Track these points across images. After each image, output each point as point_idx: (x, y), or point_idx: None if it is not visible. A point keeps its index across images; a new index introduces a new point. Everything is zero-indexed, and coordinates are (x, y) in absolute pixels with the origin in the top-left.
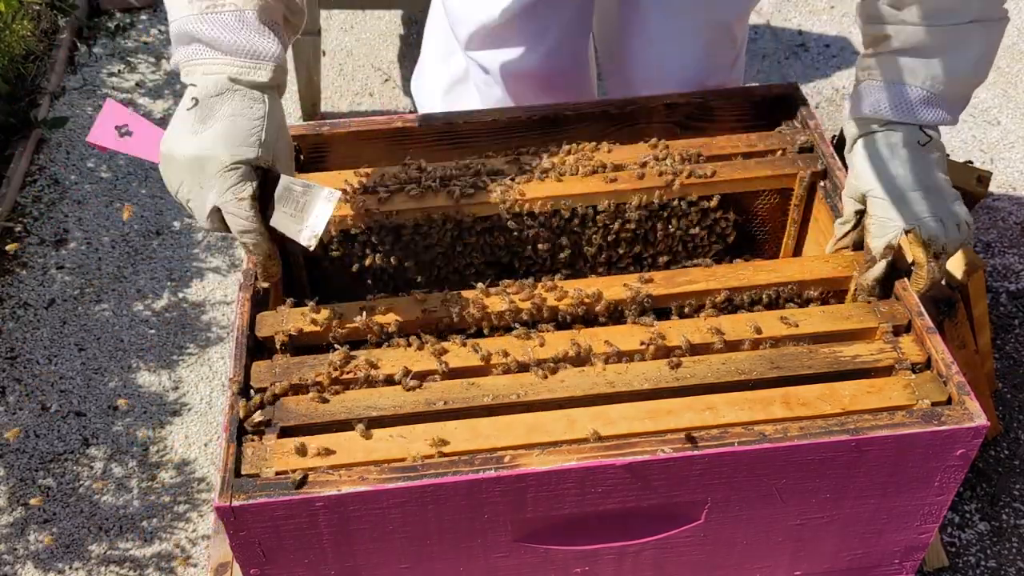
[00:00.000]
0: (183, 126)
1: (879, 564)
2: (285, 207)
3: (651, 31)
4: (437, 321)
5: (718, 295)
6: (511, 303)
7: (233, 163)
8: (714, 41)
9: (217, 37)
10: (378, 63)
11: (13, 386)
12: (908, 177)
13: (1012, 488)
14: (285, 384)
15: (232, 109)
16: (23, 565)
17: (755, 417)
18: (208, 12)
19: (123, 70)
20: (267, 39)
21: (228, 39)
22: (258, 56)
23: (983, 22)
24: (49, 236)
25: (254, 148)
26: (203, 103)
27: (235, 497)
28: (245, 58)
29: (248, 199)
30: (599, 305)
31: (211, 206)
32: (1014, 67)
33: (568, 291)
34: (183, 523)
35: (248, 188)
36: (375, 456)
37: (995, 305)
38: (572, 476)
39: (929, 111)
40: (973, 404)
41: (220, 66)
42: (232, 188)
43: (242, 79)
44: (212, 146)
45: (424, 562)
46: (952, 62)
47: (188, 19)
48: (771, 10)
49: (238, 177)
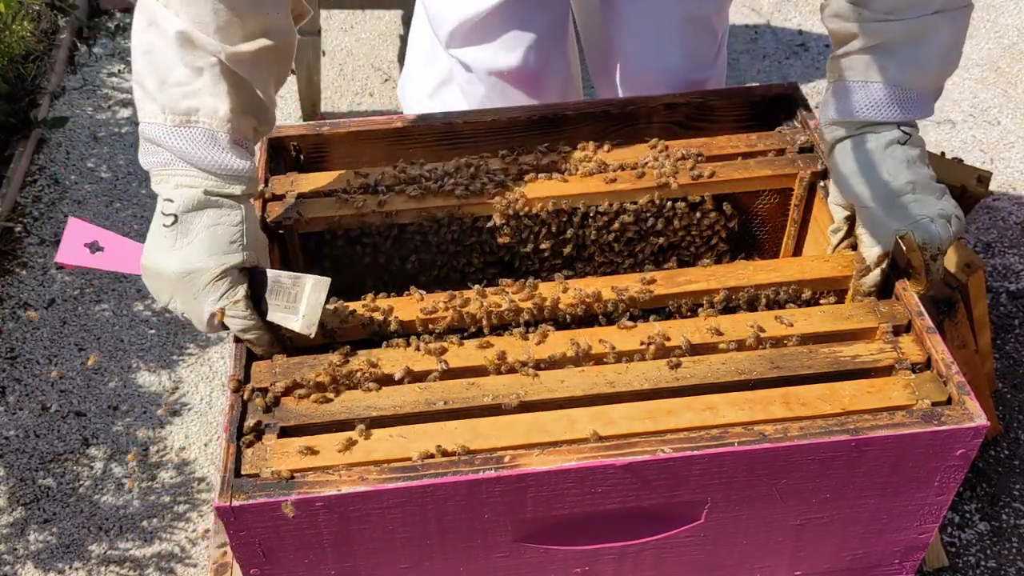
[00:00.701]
0: (165, 242)
1: (879, 564)
2: (278, 300)
3: (631, 26)
4: (437, 319)
5: (717, 295)
6: (511, 302)
7: (221, 271)
8: (694, 34)
9: (190, 152)
10: (378, 63)
11: (13, 386)
12: (893, 180)
13: (1012, 488)
14: (285, 384)
15: (211, 220)
16: (23, 565)
17: (755, 417)
18: (181, 127)
19: (123, 70)
20: (240, 158)
21: (201, 155)
22: (232, 172)
23: (948, 12)
24: (49, 236)
25: (238, 253)
26: (182, 219)
27: (235, 497)
28: (219, 174)
29: (243, 301)
30: (598, 304)
31: (208, 314)
32: (1014, 67)
33: (569, 288)
34: (183, 523)
35: (240, 291)
36: (375, 456)
37: (995, 305)
38: (572, 476)
39: (904, 107)
40: (973, 404)
41: (194, 179)
42: (225, 294)
43: (218, 192)
44: (198, 259)
45: (424, 562)
46: (921, 55)
47: (158, 127)
48: (771, 10)
49: (228, 283)
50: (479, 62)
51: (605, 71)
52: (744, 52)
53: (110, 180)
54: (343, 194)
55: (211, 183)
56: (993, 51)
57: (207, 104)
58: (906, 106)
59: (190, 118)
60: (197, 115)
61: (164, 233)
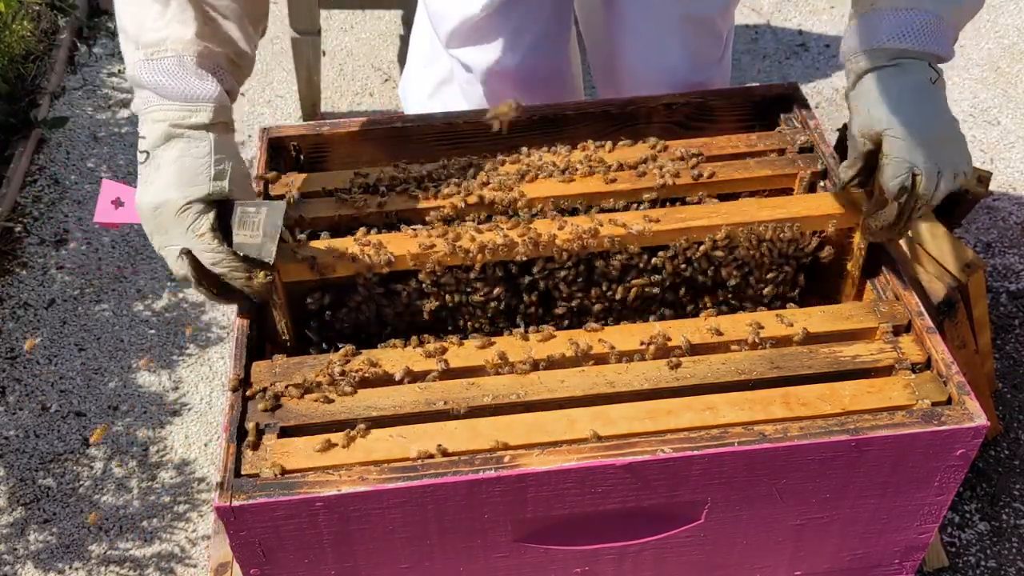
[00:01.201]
0: (140, 180)
1: (879, 564)
2: (244, 230)
3: (633, 27)
4: (429, 253)
5: (719, 231)
6: (506, 237)
7: (185, 203)
8: (697, 35)
9: (160, 83)
10: (378, 63)
11: (13, 386)
12: (923, 117)
13: (1012, 488)
14: (285, 384)
15: (177, 152)
16: (23, 565)
17: (755, 417)
18: (151, 59)
19: (123, 70)
20: (205, 82)
21: (168, 84)
22: (196, 99)
23: None
24: (49, 236)
25: (204, 185)
26: (152, 154)
27: (235, 497)
28: (184, 102)
29: (208, 233)
30: (595, 240)
31: (178, 250)
32: (1014, 67)
33: (566, 225)
34: (183, 523)
35: (205, 222)
36: (375, 456)
37: (995, 305)
38: (572, 476)
39: (938, 41)
40: (973, 404)
41: (165, 112)
42: (191, 227)
43: (183, 123)
44: (165, 192)
45: (424, 562)
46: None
47: (135, 65)
48: (771, 10)
49: (193, 215)
50: (479, 62)
51: (607, 71)
52: (744, 52)
53: None
54: (343, 194)
55: (177, 114)
56: (993, 51)
57: (174, 32)
58: (940, 40)
59: (159, 48)
60: (165, 44)
61: (140, 171)
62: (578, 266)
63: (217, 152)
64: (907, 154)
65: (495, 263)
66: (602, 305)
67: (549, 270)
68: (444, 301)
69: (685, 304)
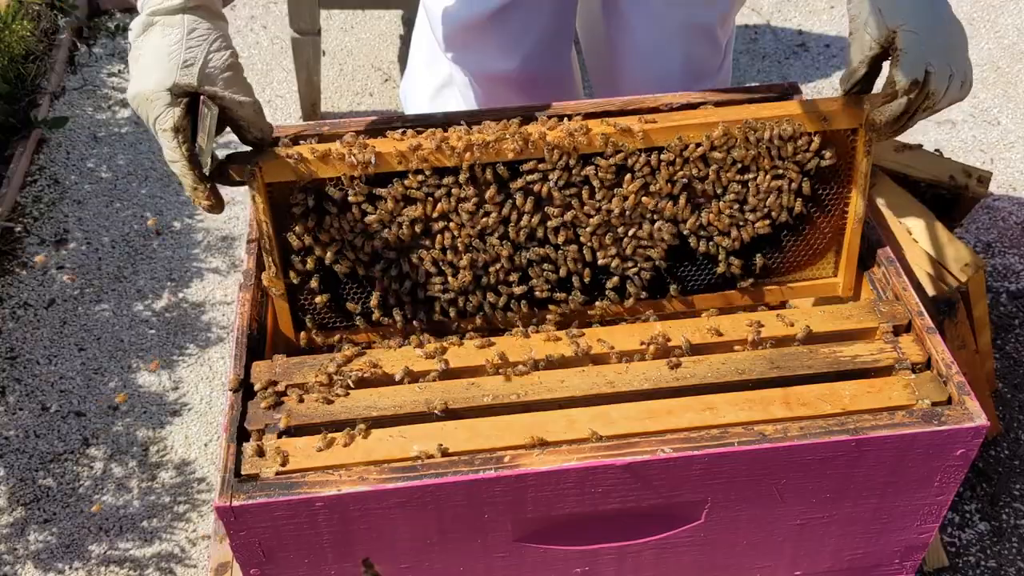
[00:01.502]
0: (130, 73)
1: (879, 564)
2: (201, 132)
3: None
4: (415, 152)
5: (715, 128)
6: (495, 134)
7: (154, 94)
8: (697, 44)
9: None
10: (378, 63)
11: (13, 386)
12: (938, 17)
13: (1012, 488)
14: (285, 384)
15: (152, 42)
16: (23, 565)
17: (755, 417)
18: None
19: (123, 70)
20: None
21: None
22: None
23: None
24: (49, 236)
25: (171, 74)
26: (135, 45)
27: (235, 497)
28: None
29: (169, 130)
30: (586, 139)
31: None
32: (1014, 67)
33: (557, 125)
34: (183, 523)
35: (168, 119)
36: (375, 456)
37: (995, 305)
38: (572, 476)
39: None
40: (973, 404)
41: (145, 2)
42: (157, 119)
43: (158, 9)
44: (139, 83)
45: (424, 562)
46: None
47: None
48: (771, 10)
49: (160, 107)
50: (478, 66)
51: (605, 76)
52: (744, 52)
53: (110, 180)
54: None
55: (154, 1)
56: (993, 51)
57: None
58: None
59: None
60: None
61: (130, 65)
62: (570, 170)
63: (190, 39)
64: (923, 49)
65: (484, 164)
66: (599, 219)
67: (542, 172)
68: (429, 212)
69: (685, 220)
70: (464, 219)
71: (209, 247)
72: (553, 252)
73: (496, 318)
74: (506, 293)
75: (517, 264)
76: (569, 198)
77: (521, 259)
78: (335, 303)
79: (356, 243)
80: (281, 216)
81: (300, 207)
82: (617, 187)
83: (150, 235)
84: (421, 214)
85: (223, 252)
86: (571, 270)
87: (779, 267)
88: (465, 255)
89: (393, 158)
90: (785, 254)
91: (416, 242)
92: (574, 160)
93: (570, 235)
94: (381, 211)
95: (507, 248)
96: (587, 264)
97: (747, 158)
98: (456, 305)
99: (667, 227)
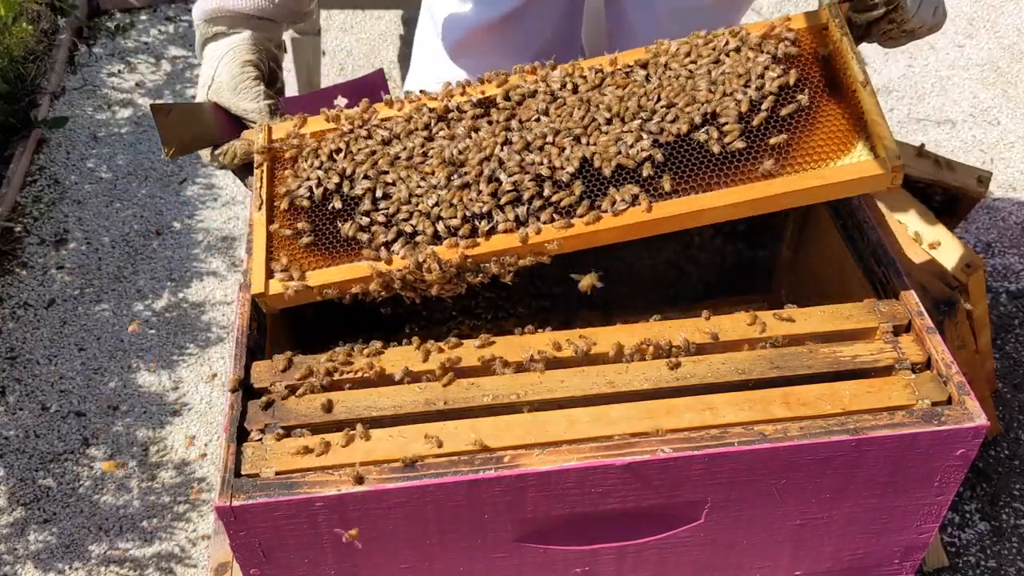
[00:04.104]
0: None
1: (879, 564)
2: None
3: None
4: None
5: (685, 45)
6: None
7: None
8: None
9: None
10: (378, 63)
11: (13, 386)
12: None
13: (1012, 488)
14: (285, 384)
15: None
16: (23, 565)
17: (755, 417)
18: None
19: (123, 70)
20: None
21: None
22: (206, 15)
23: None
24: (49, 236)
25: (201, 91)
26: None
27: (235, 497)
28: (206, 22)
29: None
30: (579, 75)
31: None
32: (1014, 67)
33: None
34: (183, 523)
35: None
36: (375, 456)
37: (995, 305)
38: (572, 476)
39: None
40: (973, 404)
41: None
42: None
43: (205, 39)
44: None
45: (424, 562)
46: None
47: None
48: (771, 10)
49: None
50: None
51: None
52: None
53: (110, 180)
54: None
55: (203, 30)
56: (993, 51)
57: None
58: None
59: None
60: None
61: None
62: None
63: (210, 62)
64: None
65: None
66: (582, 112)
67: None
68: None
69: (665, 113)
70: (460, 132)
71: (209, 247)
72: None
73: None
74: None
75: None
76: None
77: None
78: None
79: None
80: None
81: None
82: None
83: (150, 235)
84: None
85: (223, 252)
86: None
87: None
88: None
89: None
90: (801, 135)
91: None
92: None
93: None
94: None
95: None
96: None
97: (720, 55)
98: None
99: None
